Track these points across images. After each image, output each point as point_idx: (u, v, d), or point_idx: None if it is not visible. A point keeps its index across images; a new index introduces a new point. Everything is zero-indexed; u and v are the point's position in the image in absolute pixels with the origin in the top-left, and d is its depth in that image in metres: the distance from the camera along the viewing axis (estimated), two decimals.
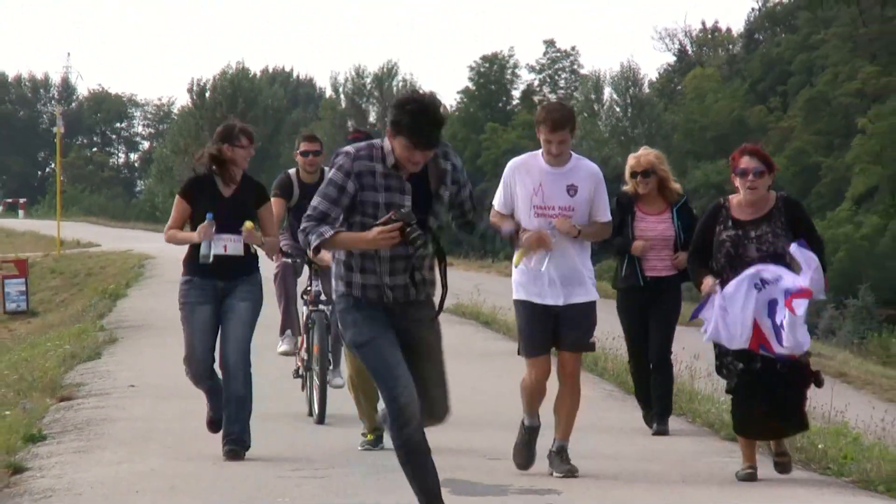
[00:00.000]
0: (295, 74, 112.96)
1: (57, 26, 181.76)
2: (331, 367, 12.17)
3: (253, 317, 10.29)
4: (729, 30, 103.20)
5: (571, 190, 9.27)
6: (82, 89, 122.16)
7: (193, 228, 10.12)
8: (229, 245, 9.96)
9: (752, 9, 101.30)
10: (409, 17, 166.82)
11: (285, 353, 12.97)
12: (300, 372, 12.80)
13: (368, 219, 6.52)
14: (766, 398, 9.12)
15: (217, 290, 10.14)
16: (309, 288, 12.40)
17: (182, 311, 10.27)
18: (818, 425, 11.72)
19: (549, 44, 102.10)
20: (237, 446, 10.02)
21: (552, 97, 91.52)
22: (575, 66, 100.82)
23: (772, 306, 8.95)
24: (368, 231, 6.49)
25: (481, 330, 22.58)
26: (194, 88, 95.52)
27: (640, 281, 11.65)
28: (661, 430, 11.80)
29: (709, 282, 9.12)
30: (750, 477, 9.31)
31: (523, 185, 9.34)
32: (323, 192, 6.58)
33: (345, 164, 6.53)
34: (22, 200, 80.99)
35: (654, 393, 12.00)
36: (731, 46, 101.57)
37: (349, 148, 6.75)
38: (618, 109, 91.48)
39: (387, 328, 6.74)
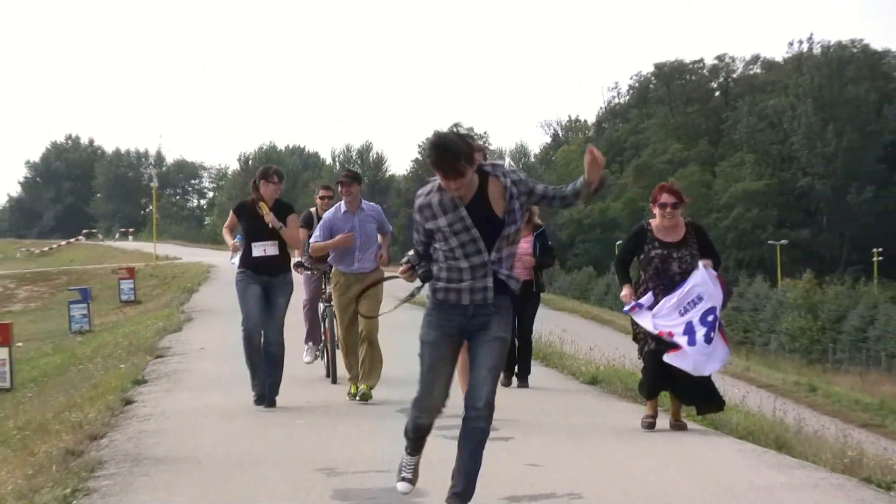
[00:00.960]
0: (306, 149, 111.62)
1: (152, 115, 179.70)
2: (338, 346, 10.91)
3: (286, 308, 9.44)
4: (585, 121, 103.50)
5: None
6: (169, 158, 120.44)
7: (245, 239, 9.33)
8: (268, 248, 9.19)
9: (601, 107, 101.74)
10: (379, 111, 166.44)
11: (308, 363, 11.87)
12: (320, 350, 11.81)
13: (440, 242, 5.36)
14: (672, 377, 7.87)
15: (263, 281, 9.24)
16: (324, 290, 11.24)
17: (238, 290, 9.36)
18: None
19: (470, 129, 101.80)
20: (267, 401, 9.26)
21: None
22: (486, 143, 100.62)
23: (688, 327, 7.71)
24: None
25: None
26: (242, 158, 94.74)
27: None
28: (524, 385, 10.96)
29: (625, 292, 8.01)
30: (650, 426, 8.05)
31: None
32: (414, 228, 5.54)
33: (415, 204, 5.43)
34: (131, 230, 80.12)
35: (521, 361, 11.07)
36: (587, 131, 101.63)
37: (419, 191, 5.61)
38: None
39: (450, 335, 5.40)
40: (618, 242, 53.65)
